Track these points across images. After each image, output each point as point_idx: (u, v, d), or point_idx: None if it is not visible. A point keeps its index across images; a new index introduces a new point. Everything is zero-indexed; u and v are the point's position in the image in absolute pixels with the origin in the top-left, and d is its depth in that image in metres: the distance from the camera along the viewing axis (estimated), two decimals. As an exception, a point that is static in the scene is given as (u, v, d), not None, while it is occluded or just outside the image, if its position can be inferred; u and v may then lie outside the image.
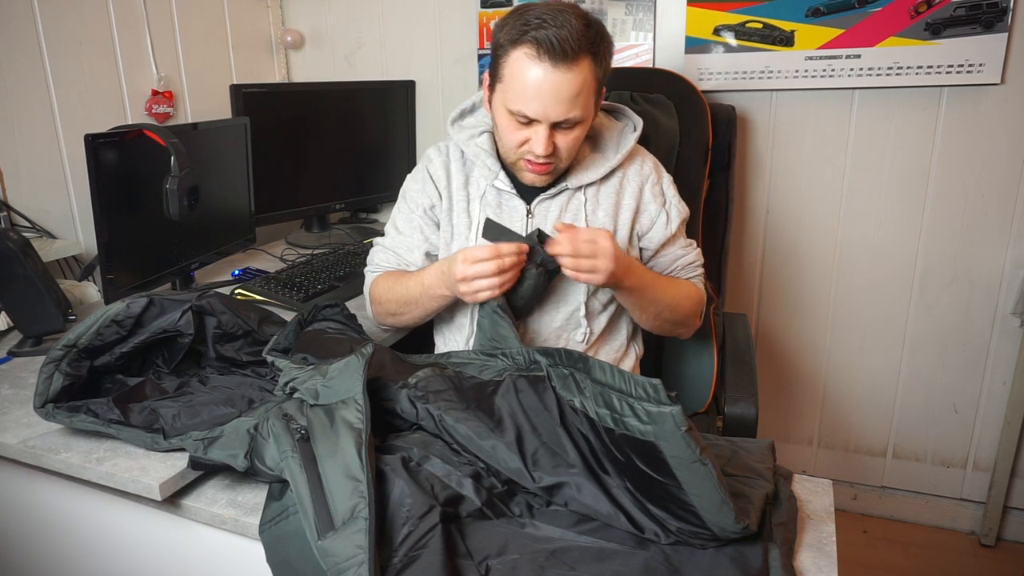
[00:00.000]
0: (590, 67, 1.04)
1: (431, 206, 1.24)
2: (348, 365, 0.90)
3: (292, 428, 0.85)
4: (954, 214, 1.78)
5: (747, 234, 1.97)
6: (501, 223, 1.13)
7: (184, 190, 1.39)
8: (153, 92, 1.83)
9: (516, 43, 1.03)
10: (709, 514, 0.74)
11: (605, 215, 1.19)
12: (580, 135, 1.10)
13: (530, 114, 1.05)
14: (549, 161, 1.11)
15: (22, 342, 1.29)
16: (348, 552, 0.71)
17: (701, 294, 1.26)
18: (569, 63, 1.01)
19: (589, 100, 1.07)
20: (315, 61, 2.28)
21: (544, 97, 1.03)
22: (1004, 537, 1.93)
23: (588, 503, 0.79)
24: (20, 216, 1.54)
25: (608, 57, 1.08)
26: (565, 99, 1.03)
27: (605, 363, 0.81)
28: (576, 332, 1.21)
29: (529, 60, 1.02)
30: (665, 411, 0.72)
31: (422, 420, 0.90)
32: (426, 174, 1.26)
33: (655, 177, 1.23)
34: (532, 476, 0.81)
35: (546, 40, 1.00)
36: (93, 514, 1.02)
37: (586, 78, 1.03)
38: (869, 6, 1.68)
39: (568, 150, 1.11)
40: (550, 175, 1.15)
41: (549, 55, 1.01)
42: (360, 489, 0.76)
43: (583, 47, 1.01)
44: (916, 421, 1.96)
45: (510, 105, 1.07)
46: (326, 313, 1.12)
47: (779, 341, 2.03)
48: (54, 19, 1.57)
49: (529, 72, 1.02)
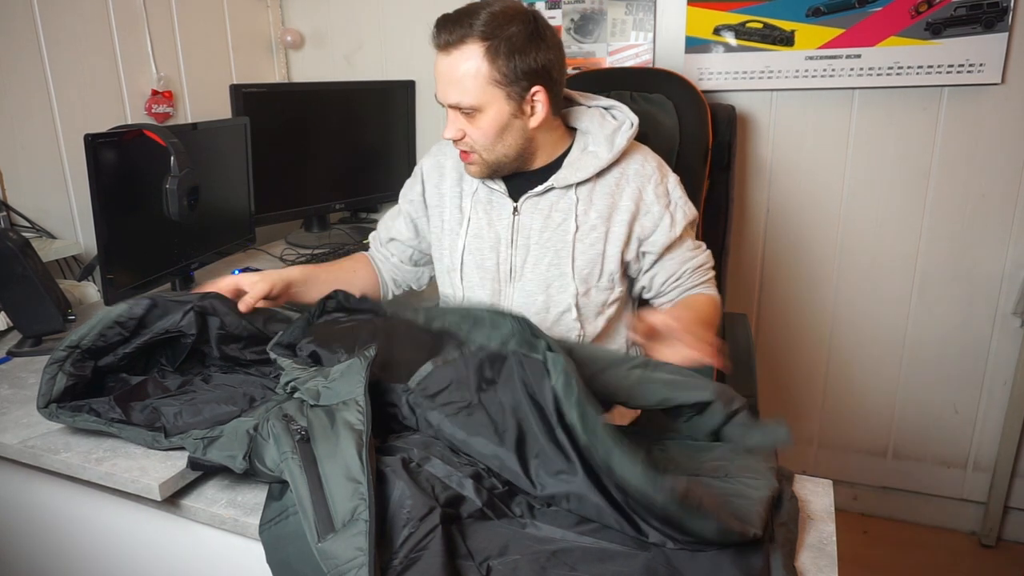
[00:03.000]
0: (479, 54, 1.06)
1: (410, 200, 1.33)
2: (350, 367, 0.90)
3: (292, 429, 0.85)
4: (954, 214, 1.78)
5: (747, 234, 1.97)
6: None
7: (184, 190, 1.38)
8: (153, 92, 1.83)
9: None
10: (637, 483, 0.72)
11: (598, 216, 1.17)
12: (487, 125, 1.11)
13: (437, 98, 1.13)
14: (465, 149, 1.15)
15: (22, 342, 1.29)
16: (348, 554, 0.71)
17: (716, 301, 1.22)
18: (451, 47, 1.07)
19: (481, 88, 1.08)
20: (315, 61, 2.28)
21: (440, 80, 1.11)
22: (1004, 537, 1.93)
23: (591, 513, 0.79)
24: (20, 216, 1.54)
25: (517, 52, 1.07)
26: (450, 82, 1.09)
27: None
28: (570, 335, 1.19)
29: (435, 49, 1.11)
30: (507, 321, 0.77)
31: (422, 428, 0.90)
32: (419, 171, 1.33)
33: (658, 177, 1.19)
34: (534, 483, 0.81)
35: (439, 27, 1.09)
36: (93, 514, 1.02)
37: (472, 63, 1.07)
38: (869, 6, 1.68)
39: (479, 140, 1.13)
40: (476, 166, 1.17)
41: (438, 41, 1.09)
42: (360, 491, 0.75)
43: (468, 34, 1.06)
44: (916, 421, 1.96)
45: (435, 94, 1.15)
46: (329, 305, 1.13)
47: (779, 341, 2.02)
48: (54, 19, 1.57)
49: (435, 60, 1.12)
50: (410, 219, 1.34)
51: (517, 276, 1.19)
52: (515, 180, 1.20)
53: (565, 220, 1.17)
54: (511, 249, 1.19)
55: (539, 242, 1.18)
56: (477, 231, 1.22)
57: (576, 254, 1.16)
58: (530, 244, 1.18)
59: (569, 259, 1.16)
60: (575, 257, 1.16)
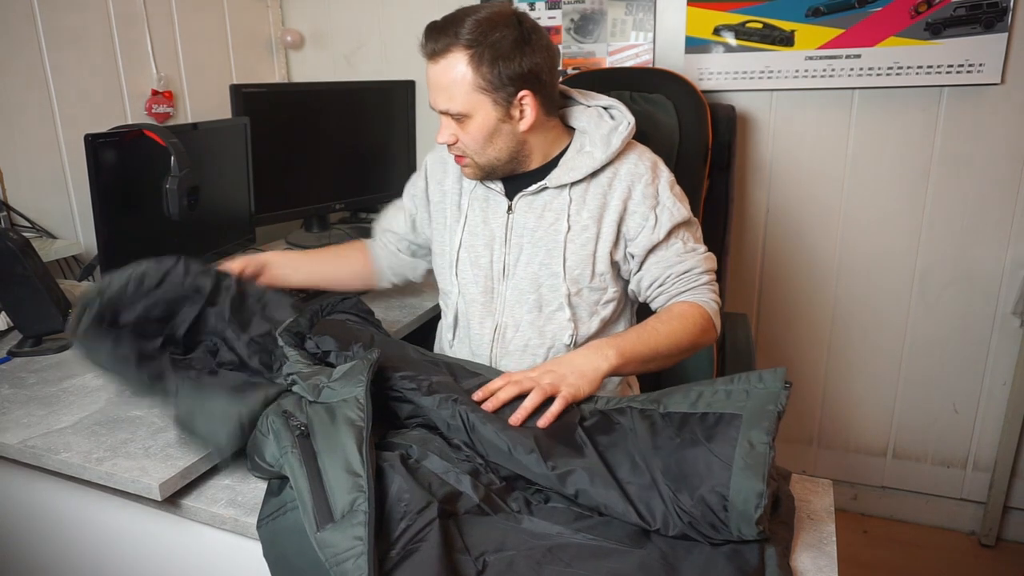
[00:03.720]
0: (463, 61, 1.07)
1: (412, 195, 1.35)
2: (353, 369, 0.91)
3: (292, 425, 0.86)
4: (954, 214, 1.78)
5: (747, 234, 1.97)
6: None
7: (184, 190, 1.39)
8: (153, 92, 1.83)
9: None
10: (737, 497, 0.75)
11: (589, 216, 1.16)
12: (475, 131, 1.12)
13: (429, 103, 1.15)
14: (458, 153, 1.16)
15: (22, 342, 1.29)
16: (347, 544, 0.72)
17: (699, 312, 1.13)
18: (438, 56, 1.09)
19: (467, 94, 1.09)
20: (315, 61, 2.29)
21: (430, 87, 1.13)
22: (1004, 537, 1.93)
23: (600, 491, 0.80)
24: (20, 216, 1.54)
25: (501, 58, 1.07)
26: (439, 89, 1.11)
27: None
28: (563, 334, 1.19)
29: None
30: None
31: (439, 413, 0.92)
32: (423, 166, 1.34)
33: (649, 177, 1.16)
34: (547, 464, 0.83)
35: (426, 36, 1.11)
36: (93, 514, 1.02)
37: (458, 72, 1.08)
38: (869, 6, 1.68)
39: (470, 145, 1.14)
40: (470, 169, 1.18)
41: (425, 49, 1.11)
42: (360, 483, 0.76)
43: (454, 42, 1.07)
44: (916, 421, 1.96)
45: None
46: (344, 306, 1.15)
47: (779, 341, 2.03)
48: (54, 19, 1.58)
49: (426, 67, 1.13)
50: (408, 213, 1.35)
51: (510, 274, 1.20)
52: (513, 179, 1.20)
53: (557, 220, 1.17)
54: (505, 247, 1.20)
55: (531, 241, 1.18)
56: (472, 228, 1.23)
57: (567, 254, 1.16)
58: (523, 243, 1.18)
59: (560, 259, 1.16)
60: (566, 257, 1.16)
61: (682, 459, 0.80)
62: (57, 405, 1.08)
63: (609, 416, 0.91)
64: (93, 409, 1.07)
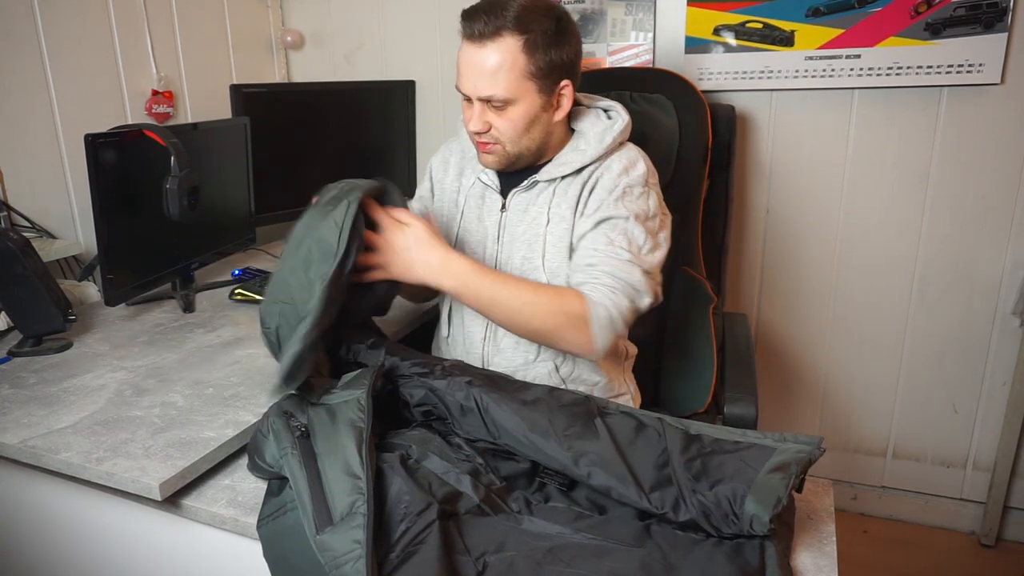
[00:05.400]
0: (515, 46, 1.06)
1: (420, 196, 1.36)
2: (360, 375, 0.92)
3: (292, 426, 0.86)
4: (954, 214, 1.78)
5: (747, 234, 1.97)
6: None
7: (184, 190, 1.39)
8: (153, 92, 1.83)
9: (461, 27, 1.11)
10: (758, 493, 0.75)
11: (567, 208, 1.15)
12: (517, 118, 1.11)
13: (463, 90, 1.12)
14: (488, 140, 1.14)
15: (22, 342, 1.29)
16: (346, 546, 0.72)
17: (577, 304, 1.05)
18: (486, 39, 1.07)
19: (517, 81, 1.08)
20: (315, 61, 2.28)
21: (470, 72, 1.10)
22: (1004, 537, 1.93)
23: (612, 470, 0.80)
24: (20, 216, 1.54)
25: (551, 46, 1.07)
26: (484, 74, 1.08)
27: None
28: None
29: (463, 40, 1.10)
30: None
31: (453, 394, 0.92)
32: (429, 168, 1.35)
33: (619, 169, 1.13)
34: (563, 445, 0.83)
35: (470, 18, 1.08)
36: (93, 514, 1.02)
37: (508, 56, 1.06)
38: (869, 6, 1.68)
39: (506, 132, 1.12)
40: (496, 156, 1.16)
41: (469, 32, 1.08)
42: (359, 486, 0.76)
43: (504, 25, 1.06)
44: (916, 421, 1.96)
45: (457, 85, 1.14)
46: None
47: (779, 341, 2.03)
48: (54, 19, 1.58)
49: (462, 51, 1.11)
50: (420, 199, 1.35)
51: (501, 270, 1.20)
52: (511, 178, 1.21)
53: (540, 214, 1.18)
54: (497, 245, 1.21)
55: (518, 237, 1.19)
56: (467, 226, 1.24)
57: (547, 246, 1.16)
58: (513, 239, 1.20)
59: (540, 252, 1.16)
60: (546, 250, 1.16)
61: (708, 461, 0.81)
62: (57, 405, 1.08)
63: (635, 416, 0.89)
64: (93, 409, 1.07)
